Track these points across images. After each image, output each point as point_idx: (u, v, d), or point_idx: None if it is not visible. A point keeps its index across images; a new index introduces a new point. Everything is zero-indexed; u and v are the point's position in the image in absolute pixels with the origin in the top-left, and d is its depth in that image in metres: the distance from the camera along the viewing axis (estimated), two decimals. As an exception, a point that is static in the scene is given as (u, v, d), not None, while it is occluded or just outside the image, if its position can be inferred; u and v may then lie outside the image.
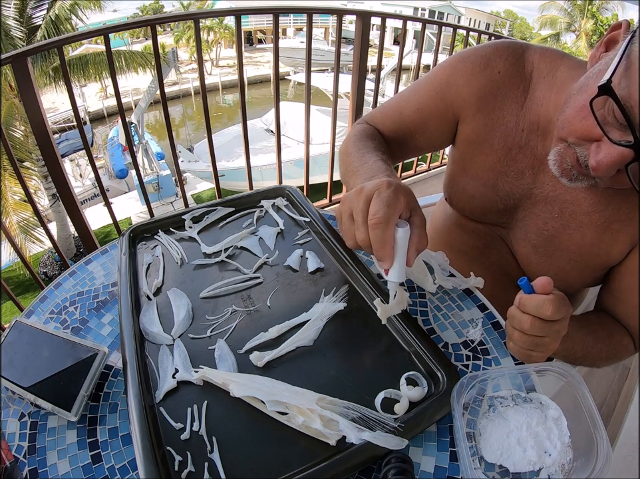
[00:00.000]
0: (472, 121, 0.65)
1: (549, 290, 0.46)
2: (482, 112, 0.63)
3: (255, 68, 20.45)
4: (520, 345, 0.49)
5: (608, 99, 0.42)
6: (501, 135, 0.62)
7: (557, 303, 0.45)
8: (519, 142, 0.61)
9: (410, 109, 0.71)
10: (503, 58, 0.61)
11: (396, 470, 0.40)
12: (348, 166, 0.65)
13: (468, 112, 0.64)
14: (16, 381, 0.46)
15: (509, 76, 0.61)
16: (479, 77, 0.62)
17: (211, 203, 0.78)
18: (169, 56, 7.60)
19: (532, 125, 0.60)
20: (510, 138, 0.62)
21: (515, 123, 0.61)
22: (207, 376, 0.49)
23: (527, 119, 0.60)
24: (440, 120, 0.69)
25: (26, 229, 5.28)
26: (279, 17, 1.58)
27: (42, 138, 1.38)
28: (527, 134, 0.60)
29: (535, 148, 0.60)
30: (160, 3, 24.01)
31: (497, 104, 0.62)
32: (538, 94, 0.59)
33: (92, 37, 1.44)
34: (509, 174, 0.64)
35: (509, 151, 0.62)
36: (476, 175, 0.68)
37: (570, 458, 0.43)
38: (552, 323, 0.46)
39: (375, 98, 2.16)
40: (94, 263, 0.70)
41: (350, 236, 0.48)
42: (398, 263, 0.47)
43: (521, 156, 0.61)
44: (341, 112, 2.41)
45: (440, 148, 0.78)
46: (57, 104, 11.52)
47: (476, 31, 2.70)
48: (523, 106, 0.60)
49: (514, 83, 0.61)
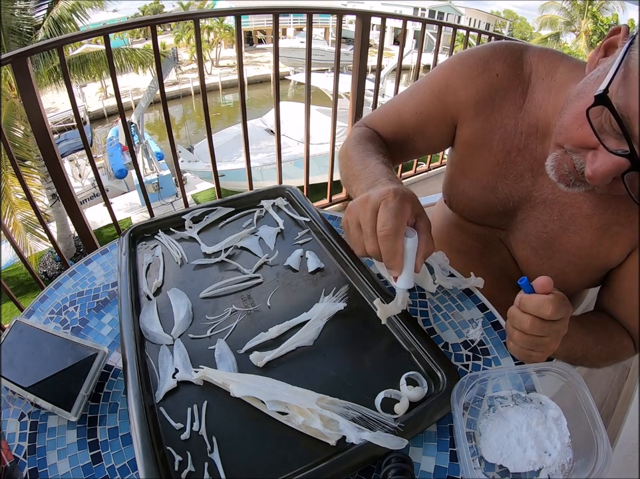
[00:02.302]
0: (471, 124, 0.65)
1: (549, 290, 0.46)
2: (481, 116, 0.63)
3: (255, 68, 20.45)
4: (520, 345, 0.49)
5: (605, 108, 0.41)
6: (500, 138, 0.62)
7: (557, 302, 0.45)
8: (518, 145, 0.61)
9: (408, 112, 0.71)
10: (502, 61, 0.61)
11: (396, 470, 0.40)
12: (349, 170, 0.64)
13: (466, 115, 0.64)
14: (16, 381, 0.46)
15: (507, 78, 0.60)
16: (477, 80, 0.62)
17: (211, 203, 0.78)
18: (169, 55, 7.60)
19: (531, 128, 0.60)
20: (509, 140, 0.61)
21: (513, 126, 0.61)
22: (207, 376, 0.49)
23: (525, 122, 0.60)
24: (438, 123, 0.69)
25: (31, 227, 5.28)
26: (279, 17, 1.58)
27: (42, 138, 1.38)
28: (525, 137, 0.60)
29: (534, 150, 0.60)
30: (160, 3, 24.01)
31: (495, 107, 0.62)
32: (537, 96, 0.59)
33: (92, 37, 1.44)
34: (508, 177, 0.64)
35: (508, 154, 0.62)
36: (475, 178, 0.68)
37: (570, 458, 0.43)
38: (552, 323, 0.46)
39: (375, 98, 2.15)
40: (94, 263, 0.70)
41: (359, 246, 0.49)
42: (407, 270, 0.47)
43: (520, 159, 0.61)
44: (341, 112, 2.40)
45: (439, 150, 0.79)
46: (57, 104, 11.53)
47: (476, 31, 2.70)
48: (522, 108, 0.60)
49: (512, 86, 0.60)
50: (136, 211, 8.27)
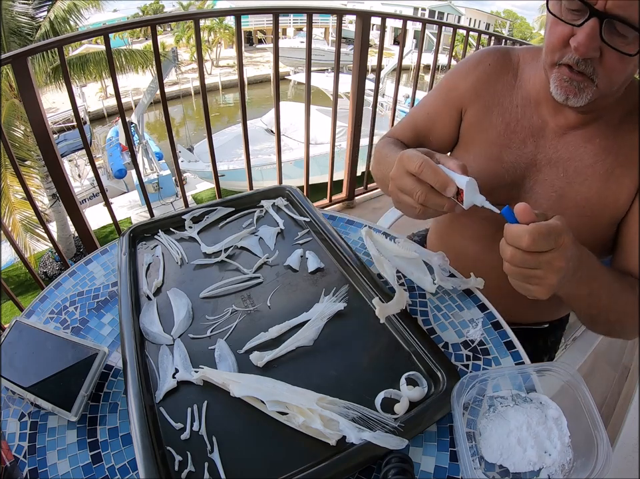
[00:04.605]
0: (472, 107, 0.74)
1: (528, 218, 0.44)
2: (480, 98, 0.72)
3: (255, 68, 20.45)
4: (511, 276, 0.49)
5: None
6: (498, 112, 0.70)
7: (535, 233, 0.43)
8: (516, 116, 0.68)
9: (421, 117, 0.82)
10: (492, 55, 0.72)
11: (396, 470, 0.40)
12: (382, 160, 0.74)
13: (468, 101, 0.74)
14: (16, 381, 0.46)
15: (499, 65, 0.71)
16: (474, 72, 0.73)
17: (211, 203, 0.78)
18: (169, 55, 7.59)
19: (525, 100, 0.68)
20: (507, 114, 0.69)
21: (509, 102, 0.69)
22: (207, 376, 0.49)
23: (519, 95, 0.69)
24: (445, 118, 0.78)
25: (30, 227, 5.28)
26: (279, 17, 1.58)
27: (42, 138, 1.38)
28: (521, 109, 0.68)
29: (532, 118, 0.67)
30: (160, 3, 24.00)
31: (491, 88, 0.71)
32: (525, 75, 0.69)
33: (92, 37, 1.44)
34: (511, 146, 0.68)
35: (508, 125, 0.69)
36: (480, 152, 0.72)
37: (570, 458, 0.43)
38: (538, 254, 0.44)
39: (375, 98, 2.15)
40: (94, 263, 0.71)
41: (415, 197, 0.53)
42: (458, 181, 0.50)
43: (520, 128, 0.68)
44: (341, 112, 2.40)
45: (449, 145, 0.82)
46: (57, 104, 11.52)
47: (476, 31, 2.70)
48: (514, 86, 0.70)
49: (504, 70, 0.71)
50: (135, 209, 8.27)
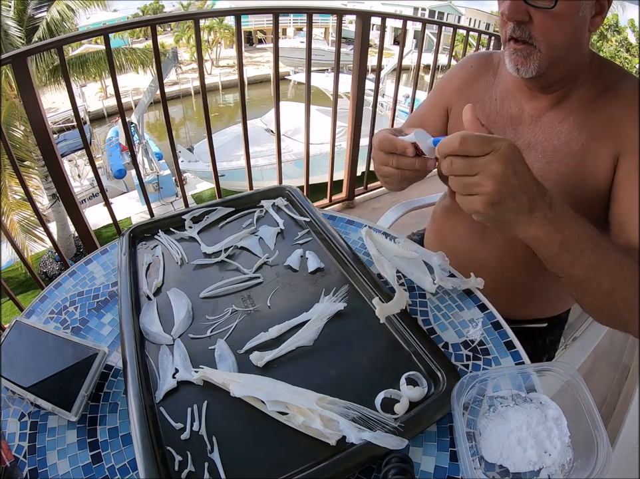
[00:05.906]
0: (457, 105, 0.80)
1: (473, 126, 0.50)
2: (463, 96, 0.80)
3: (255, 68, 20.44)
4: (456, 190, 0.49)
5: None
6: (479, 107, 0.76)
7: (467, 135, 0.45)
8: (495, 109, 0.75)
9: (416, 117, 0.90)
10: (475, 58, 0.81)
11: (396, 470, 0.40)
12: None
13: (453, 100, 0.82)
14: (16, 381, 0.46)
15: (481, 67, 0.79)
16: (458, 75, 0.82)
17: (211, 203, 0.78)
18: (169, 55, 7.59)
19: (503, 93, 0.74)
20: (487, 107, 0.76)
21: (489, 97, 0.76)
22: (207, 376, 0.49)
23: (498, 90, 0.75)
24: (435, 117, 0.85)
25: (28, 228, 5.27)
26: (279, 17, 1.58)
27: (42, 138, 1.38)
28: (500, 101, 0.74)
29: (510, 108, 0.73)
30: (160, 3, 23.98)
31: (473, 87, 0.79)
32: (504, 71, 0.75)
33: (92, 37, 1.44)
34: None
35: (488, 117, 0.75)
36: None
37: (570, 458, 0.43)
38: (472, 159, 0.45)
39: (375, 98, 2.15)
40: (94, 263, 0.71)
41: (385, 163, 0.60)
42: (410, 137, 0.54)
43: (499, 119, 0.74)
44: (341, 112, 2.40)
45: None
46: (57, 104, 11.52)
47: (476, 31, 2.70)
48: (494, 83, 0.77)
49: (485, 71, 0.78)
50: (135, 208, 8.26)
